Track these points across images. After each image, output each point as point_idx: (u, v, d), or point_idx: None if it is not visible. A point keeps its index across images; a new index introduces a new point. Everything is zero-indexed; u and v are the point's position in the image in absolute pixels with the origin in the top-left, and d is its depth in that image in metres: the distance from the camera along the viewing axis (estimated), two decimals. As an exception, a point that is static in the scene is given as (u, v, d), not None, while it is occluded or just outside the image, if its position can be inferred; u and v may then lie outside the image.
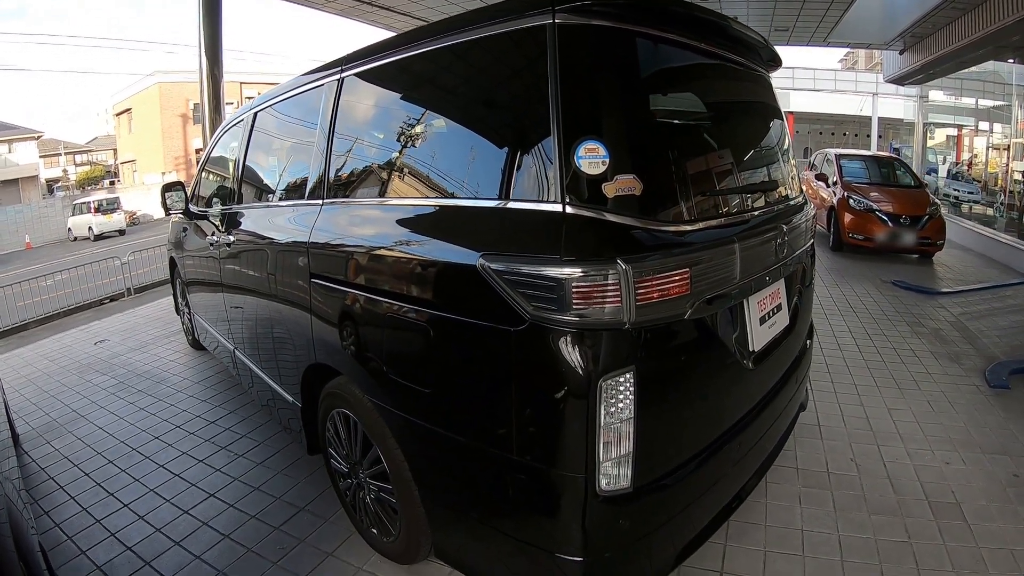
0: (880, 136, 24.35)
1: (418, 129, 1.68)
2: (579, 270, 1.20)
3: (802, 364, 2.20)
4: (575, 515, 1.29)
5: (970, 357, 3.76)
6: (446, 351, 1.47)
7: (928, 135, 11.73)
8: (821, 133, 30.80)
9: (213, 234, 3.03)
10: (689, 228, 1.39)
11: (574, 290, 1.20)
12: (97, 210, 21.40)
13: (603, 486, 1.28)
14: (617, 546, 1.35)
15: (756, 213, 1.72)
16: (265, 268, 2.37)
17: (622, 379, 1.24)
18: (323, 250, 1.92)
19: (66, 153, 37.18)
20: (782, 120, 2.21)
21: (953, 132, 10.94)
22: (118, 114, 32.84)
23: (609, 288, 1.20)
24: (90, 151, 39.40)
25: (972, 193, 9.20)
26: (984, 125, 9.14)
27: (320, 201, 2.02)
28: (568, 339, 1.22)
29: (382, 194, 1.77)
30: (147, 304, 6.61)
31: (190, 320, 4.26)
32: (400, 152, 1.75)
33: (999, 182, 8.03)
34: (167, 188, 3.61)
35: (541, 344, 1.24)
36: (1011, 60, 7.85)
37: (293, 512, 2.32)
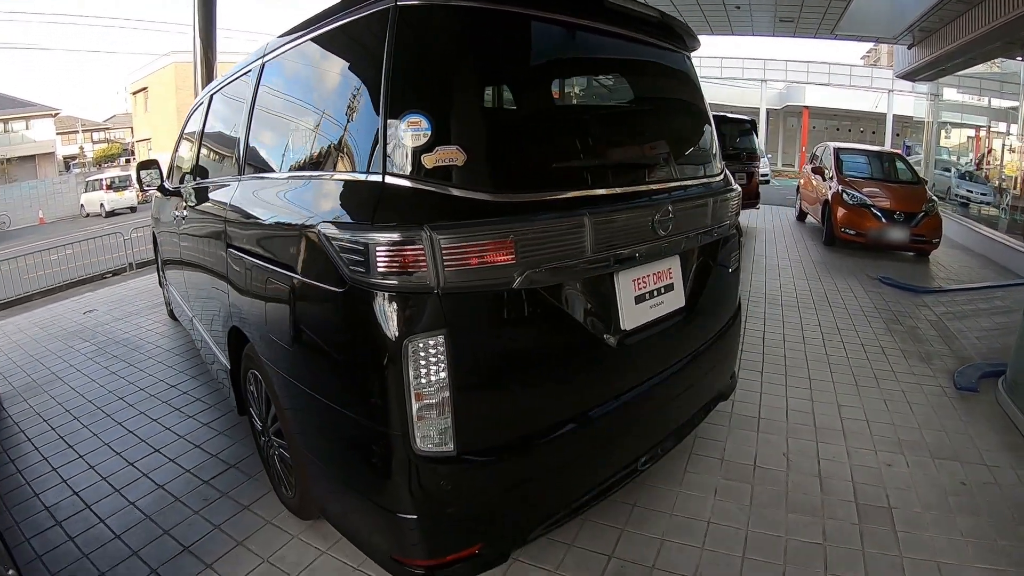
0: (897, 134, 23.61)
1: (295, 111, 1.86)
2: (384, 236, 1.26)
3: (716, 349, 2.15)
4: (400, 473, 1.35)
5: (942, 358, 3.67)
6: (303, 313, 1.58)
7: (943, 134, 11.33)
8: (838, 130, 29.95)
9: (176, 208, 3.17)
10: (519, 199, 1.39)
11: (379, 255, 1.26)
12: (109, 187, 21.79)
13: (420, 446, 1.33)
14: (446, 508, 1.39)
15: (622, 189, 1.68)
16: (203, 240, 2.53)
17: (432, 342, 1.28)
18: (232, 222, 2.10)
19: (83, 131, 37.83)
20: (691, 98, 2.15)
21: (967, 132, 10.57)
22: (134, 93, 33.30)
23: (414, 254, 1.25)
24: (107, 129, 40.00)
25: (985, 195, 8.89)
26: (1002, 126, 8.79)
27: (238, 177, 2.18)
28: (378, 301, 1.28)
29: (267, 169, 1.98)
30: (142, 278, 6.80)
31: (167, 292, 4.41)
32: (283, 132, 1.93)
33: (1016, 185, 7.76)
34: (142, 166, 3.75)
35: (357, 305, 1.32)
36: (1019, 58, 7.52)
37: (223, 468, 2.46)
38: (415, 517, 1.38)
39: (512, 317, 1.42)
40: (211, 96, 2.90)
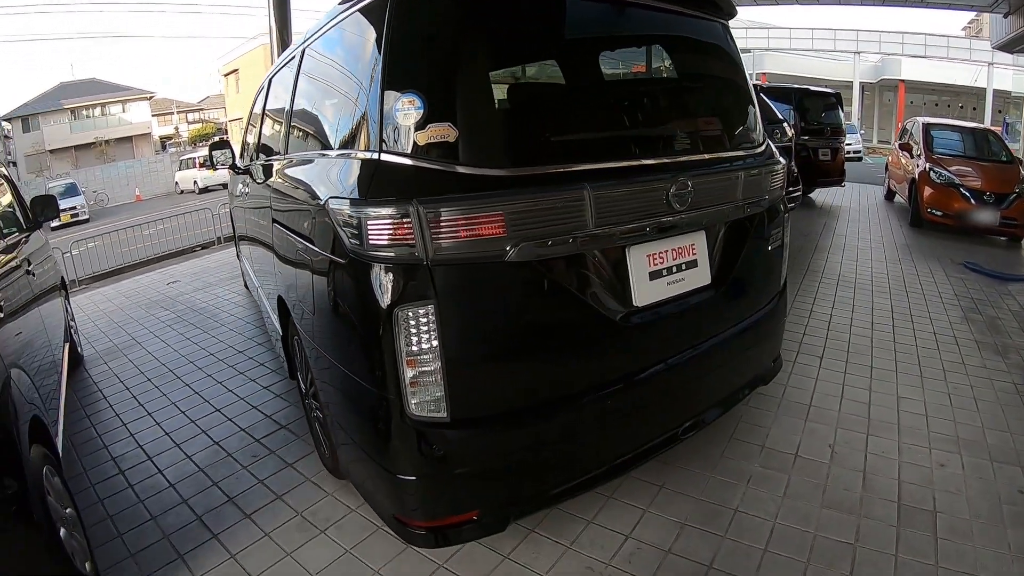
0: (999, 111, 21.15)
1: (319, 94, 1.99)
2: (375, 210, 1.33)
3: (751, 331, 2.05)
4: (397, 437, 1.42)
5: (1021, 352, 3.31)
6: (320, 282, 1.67)
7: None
8: (936, 105, 27.31)
9: (243, 185, 3.45)
10: (513, 173, 1.40)
11: (370, 228, 1.34)
12: (202, 165, 23.25)
13: (415, 411, 1.38)
14: (442, 472, 1.44)
15: (631, 162, 1.63)
16: (260, 214, 2.72)
17: (422, 311, 1.33)
18: (274, 198, 2.28)
19: (178, 112, 40.60)
20: (722, 69, 2.03)
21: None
22: (226, 75, 35.31)
23: (404, 226, 1.31)
24: (201, 109, 42.77)
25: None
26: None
27: (280, 156, 2.33)
28: (373, 271, 1.35)
29: (299, 148, 2.12)
30: (225, 251, 7.32)
31: (242, 265, 4.76)
32: (310, 114, 2.06)
33: None
34: (214, 146, 4.00)
35: (357, 275, 1.39)
36: None
37: (275, 429, 2.66)
38: (414, 479, 1.44)
39: (509, 290, 1.43)
40: (270, 80, 3.09)
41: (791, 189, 5.55)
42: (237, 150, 4.06)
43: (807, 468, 2.21)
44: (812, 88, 8.37)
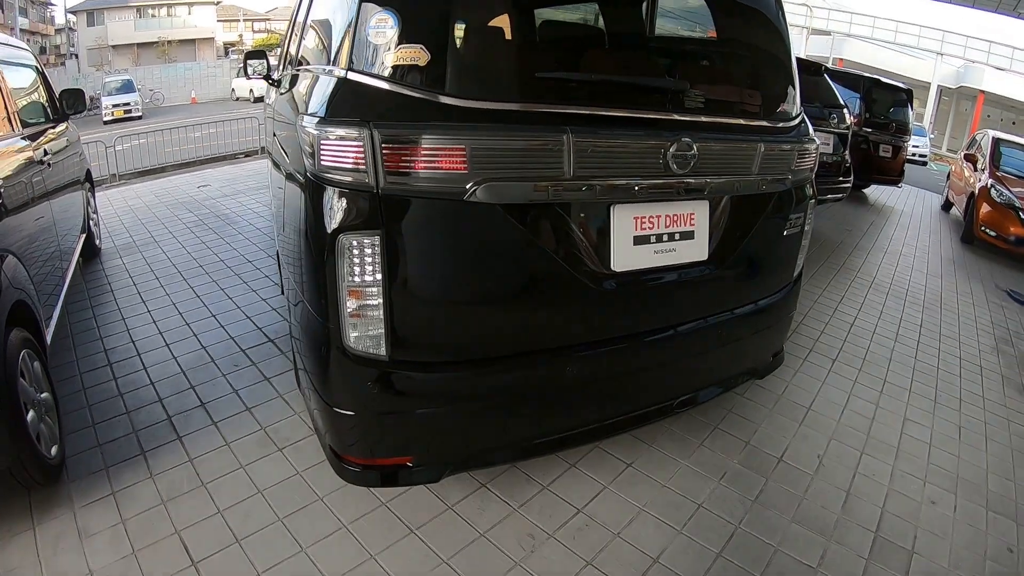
0: None
1: (319, 8, 1.86)
2: (328, 129, 1.26)
3: (750, 319, 1.91)
4: (335, 368, 1.37)
5: (1053, 397, 3.02)
6: (290, 199, 1.63)
7: None
8: (1014, 123, 25.19)
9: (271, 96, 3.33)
10: (486, 106, 1.29)
11: (323, 147, 1.26)
12: (241, 74, 23.37)
13: (353, 345, 1.32)
14: (378, 412, 1.40)
15: (623, 112, 1.46)
16: (272, 126, 2.66)
17: (367, 241, 1.26)
18: (273, 112, 2.32)
19: (244, 20, 40.23)
20: (754, 29, 1.80)
21: None
22: (293, -14, 34.88)
23: (354, 149, 1.23)
24: (268, 19, 42.48)
25: None
26: None
27: (291, 68, 2.20)
28: (325, 194, 1.28)
29: (298, 63, 2.04)
30: (262, 161, 7.35)
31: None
32: (310, 29, 1.96)
33: None
34: (249, 55, 3.92)
35: (312, 195, 1.32)
36: None
37: (262, 341, 2.70)
38: (351, 415, 1.40)
39: (467, 232, 1.32)
40: None
41: (841, 180, 5.21)
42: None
43: (788, 475, 2.08)
44: (884, 80, 7.70)
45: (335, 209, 1.26)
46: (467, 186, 1.27)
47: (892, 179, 7.60)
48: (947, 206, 8.16)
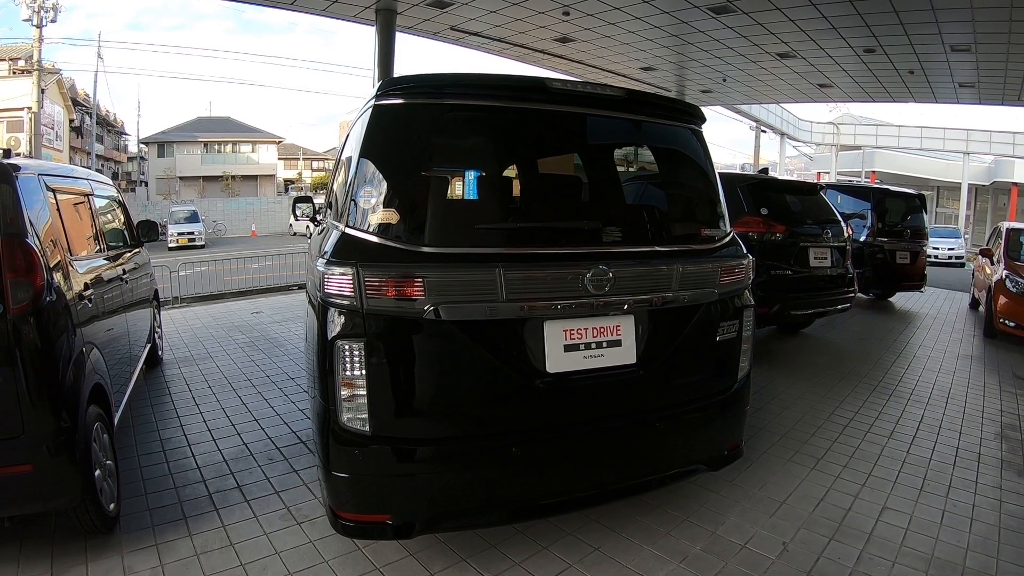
0: None
1: (340, 171, 2.58)
2: (331, 268, 1.79)
3: (692, 417, 2.20)
4: (334, 441, 1.81)
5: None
6: (310, 318, 2.17)
7: None
8: None
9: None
10: (440, 251, 1.79)
11: (327, 280, 1.80)
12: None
13: (346, 422, 1.77)
14: (363, 474, 1.80)
15: (547, 250, 1.95)
16: (307, 266, 3.33)
17: (355, 345, 1.74)
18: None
19: (304, 159, 44.00)
20: (673, 168, 2.34)
21: None
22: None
23: (347, 280, 1.76)
24: (326, 159, 46.68)
25: None
26: None
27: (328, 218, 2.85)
28: (329, 312, 1.80)
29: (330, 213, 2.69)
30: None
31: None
32: (330, 191, 2.69)
33: None
34: (297, 200, 4.77)
35: (323, 314, 1.82)
36: None
37: (294, 442, 3.16)
38: (345, 476, 1.81)
39: (427, 340, 1.80)
40: (344, 143, 3.82)
41: (845, 291, 5.29)
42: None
43: (748, 559, 2.20)
44: (893, 188, 8.10)
45: (335, 323, 1.76)
46: (425, 307, 1.76)
47: (914, 284, 7.67)
48: (974, 304, 8.02)
